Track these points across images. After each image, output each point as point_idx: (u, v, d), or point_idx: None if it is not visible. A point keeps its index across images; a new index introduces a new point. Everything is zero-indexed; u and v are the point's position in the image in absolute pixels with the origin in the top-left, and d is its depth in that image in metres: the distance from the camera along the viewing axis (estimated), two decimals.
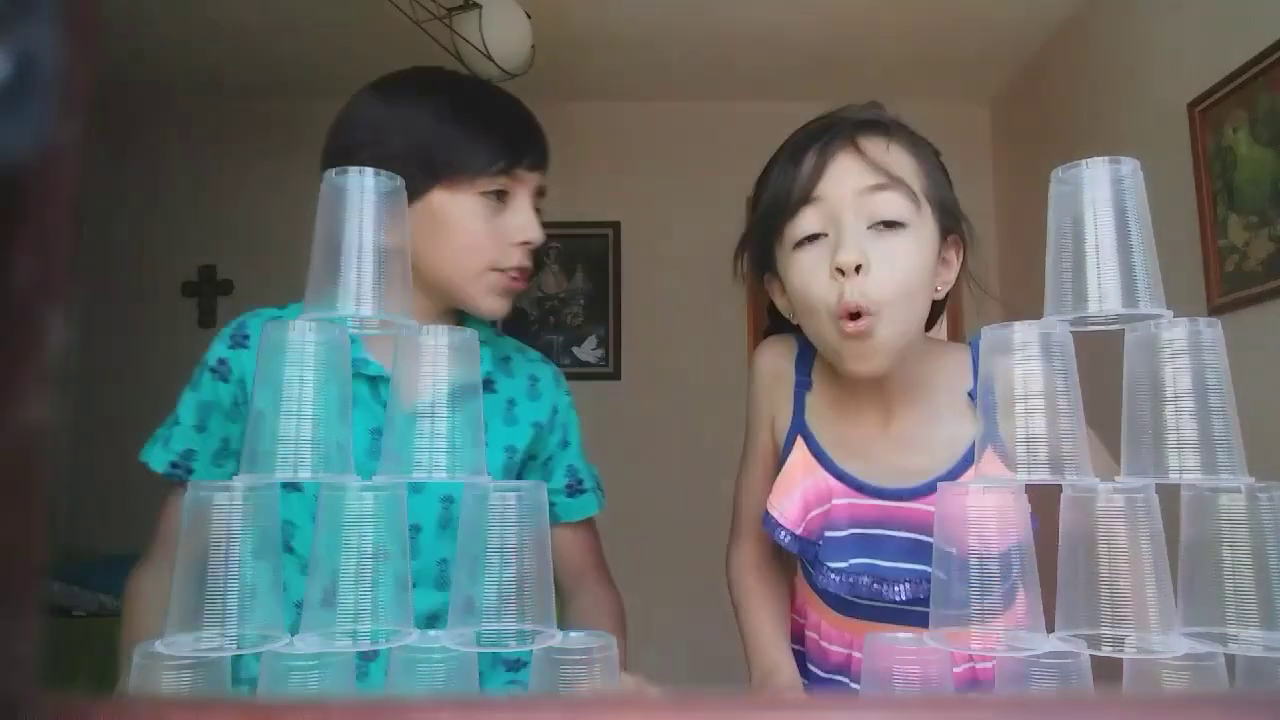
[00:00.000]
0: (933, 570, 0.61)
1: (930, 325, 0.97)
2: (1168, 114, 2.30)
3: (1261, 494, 0.55)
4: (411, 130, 0.94)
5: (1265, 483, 0.56)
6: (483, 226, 0.95)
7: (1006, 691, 0.58)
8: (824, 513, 0.94)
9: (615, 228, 3.45)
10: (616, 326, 3.43)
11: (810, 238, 0.87)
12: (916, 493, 0.90)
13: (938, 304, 0.95)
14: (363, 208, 0.62)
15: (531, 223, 0.97)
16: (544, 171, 1.00)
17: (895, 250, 0.85)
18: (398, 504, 0.60)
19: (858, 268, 0.83)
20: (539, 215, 1.00)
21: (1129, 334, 0.60)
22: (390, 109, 0.96)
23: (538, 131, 1.00)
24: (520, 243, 0.97)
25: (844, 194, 0.86)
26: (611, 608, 1.06)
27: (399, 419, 0.61)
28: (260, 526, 0.58)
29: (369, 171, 0.63)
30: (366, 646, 0.57)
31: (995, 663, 0.60)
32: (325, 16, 2.79)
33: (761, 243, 0.95)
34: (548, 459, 1.07)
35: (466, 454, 0.62)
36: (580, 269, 3.45)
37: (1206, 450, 0.56)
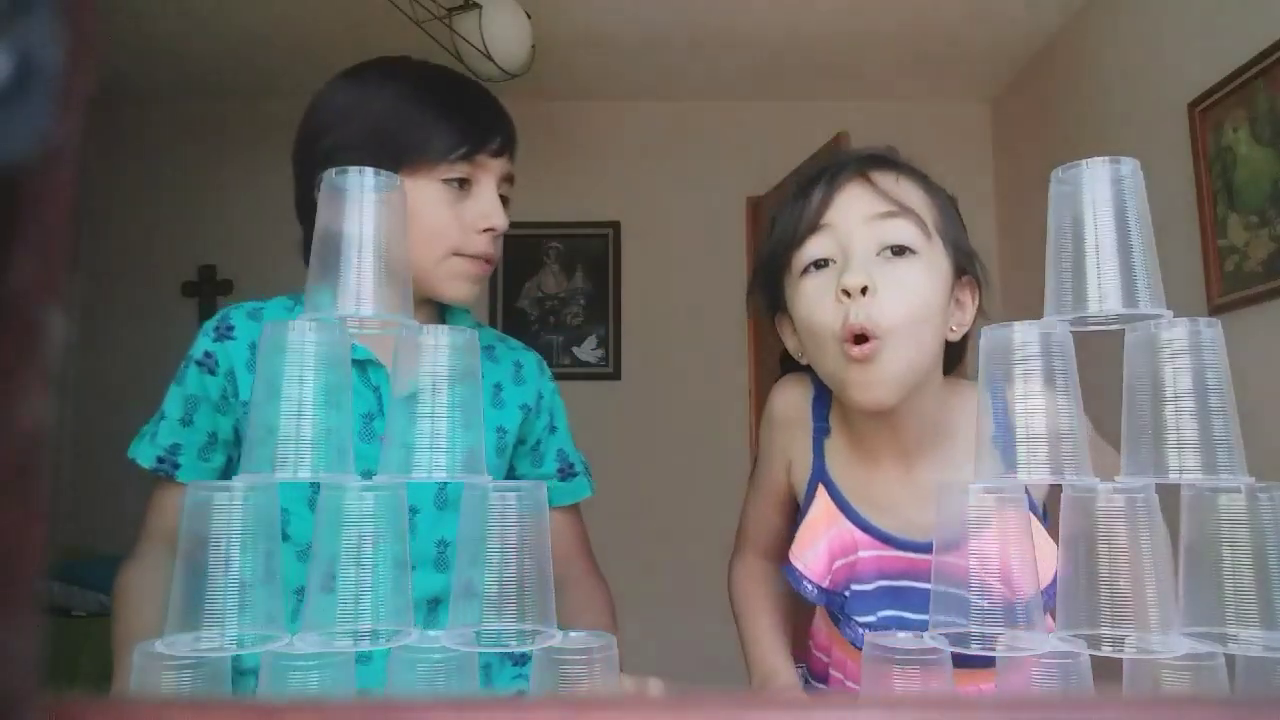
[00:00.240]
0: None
1: (949, 369, 0.94)
2: (1168, 114, 2.30)
3: (1261, 494, 0.55)
4: (373, 116, 0.94)
5: (1265, 483, 0.56)
6: (446, 212, 0.95)
7: (1006, 692, 0.58)
8: (849, 564, 0.91)
9: (615, 228, 3.44)
10: (616, 326, 3.43)
11: (818, 264, 0.86)
12: None
13: (957, 347, 0.92)
14: (362, 207, 0.62)
15: (496, 209, 0.97)
16: (510, 158, 1.00)
17: (904, 276, 0.83)
18: (398, 504, 0.60)
19: (864, 290, 0.81)
20: (506, 203, 1.00)
21: (1129, 334, 0.60)
22: (354, 95, 0.97)
23: (502, 118, 0.99)
24: (484, 229, 0.97)
25: (853, 221, 0.85)
26: (604, 603, 1.07)
27: (399, 417, 0.61)
28: (260, 527, 0.58)
29: (369, 171, 0.63)
30: (367, 646, 0.57)
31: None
32: (325, 17, 2.79)
33: (771, 279, 0.93)
34: (537, 443, 1.08)
35: (466, 453, 0.62)
36: (580, 269, 3.45)
37: (1206, 450, 0.56)
